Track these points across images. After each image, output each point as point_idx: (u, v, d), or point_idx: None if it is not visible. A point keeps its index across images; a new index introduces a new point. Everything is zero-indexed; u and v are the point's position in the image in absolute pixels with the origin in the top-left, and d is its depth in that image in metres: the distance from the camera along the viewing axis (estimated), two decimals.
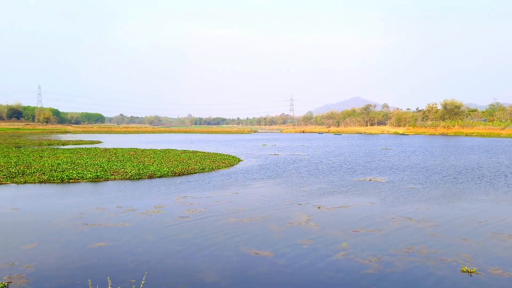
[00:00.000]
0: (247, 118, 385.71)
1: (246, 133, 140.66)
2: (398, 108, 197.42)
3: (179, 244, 10.59)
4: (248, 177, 23.82)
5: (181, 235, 11.45)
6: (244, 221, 13.12)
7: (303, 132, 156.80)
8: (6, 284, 7.82)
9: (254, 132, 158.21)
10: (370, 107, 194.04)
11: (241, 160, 33.95)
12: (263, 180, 22.76)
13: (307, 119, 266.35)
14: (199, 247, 10.38)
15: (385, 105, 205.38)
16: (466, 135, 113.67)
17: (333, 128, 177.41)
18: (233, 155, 38.85)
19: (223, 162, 30.46)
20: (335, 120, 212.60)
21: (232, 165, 29.76)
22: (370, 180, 23.06)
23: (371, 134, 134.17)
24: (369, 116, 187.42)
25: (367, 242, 11.05)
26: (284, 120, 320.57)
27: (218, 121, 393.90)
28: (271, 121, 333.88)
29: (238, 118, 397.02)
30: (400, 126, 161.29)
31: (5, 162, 26.97)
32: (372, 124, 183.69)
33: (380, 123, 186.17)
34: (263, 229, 12.27)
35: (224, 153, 40.36)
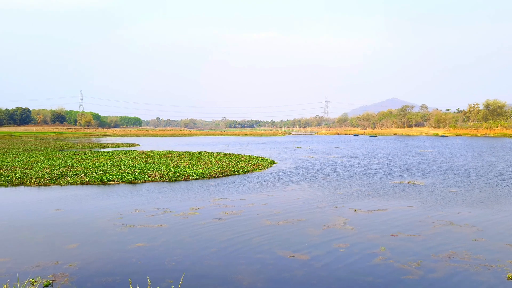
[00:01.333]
0: (281, 120, 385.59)
1: (280, 135, 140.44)
2: (437, 109, 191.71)
3: (215, 246, 10.67)
4: (283, 179, 23.75)
5: (217, 237, 11.54)
6: (280, 224, 13.08)
7: (338, 134, 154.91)
8: (50, 282, 8.13)
9: (288, 134, 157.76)
10: (408, 108, 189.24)
11: (276, 163, 33.91)
12: (298, 182, 22.63)
13: (342, 121, 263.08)
14: (235, 249, 10.43)
15: (424, 106, 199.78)
16: (510, 136, 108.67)
17: (368, 130, 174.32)
18: (267, 157, 38.88)
19: (257, 165, 30.53)
20: (371, 122, 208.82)
21: (267, 168, 29.77)
22: (408, 183, 22.46)
23: (409, 135, 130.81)
24: (407, 118, 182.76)
25: (406, 246, 10.75)
26: (319, 122, 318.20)
27: (252, 124, 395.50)
28: (306, 123, 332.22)
29: (272, 120, 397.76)
30: (439, 127, 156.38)
31: (49, 165, 28.15)
32: (409, 126, 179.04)
33: (418, 124, 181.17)
34: (299, 232, 12.18)
35: (259, 156, 40.45)
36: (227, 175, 24.81)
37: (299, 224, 13.10)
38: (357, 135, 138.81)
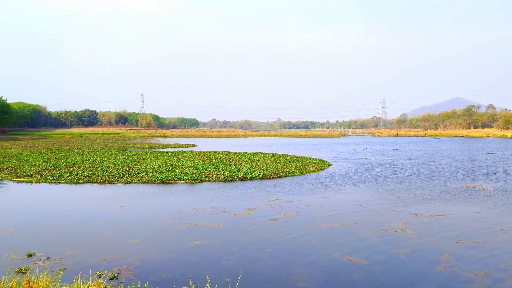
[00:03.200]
0: (337, 121, 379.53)
1: (336, 136, 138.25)
2: (506, 109, 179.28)
3: (271, 246, 10.71)
4: (339, 181, 23.35)
5: (273, 237, 11.58)
6: (336, 226, 12.88)
7: (397, 135, 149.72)
8: (115, 275, 8.58)
9: (344, 135, 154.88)
10: (473, 108, 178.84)
11: (331, 164, 33.42)
12: (355, 184, 22.15)
13: (401, 122, 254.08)
14: (291, 250, 10.40)
15: (491, 106, 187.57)
16: None
17: (430, 131, 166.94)
18: (322, 159, 38.42)
19: (313, 166, 30.25)
20: (432, 122, 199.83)
21: (322, 169, 29.42)
22: (474, 187, 21.22)
23: (474, 137, 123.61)
24: (472, 118, 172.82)
25: (472, 254, 10.16)
26: (376, 123, 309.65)
27: (307, 125, 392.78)
28: (362, 124, 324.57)
29: (328, 121, 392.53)
30: (508, 128, 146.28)
31: (114, 164, 29.70)
32: (475, 127, 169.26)
33: (485, 125, 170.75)
34: (356, 235, 11.92)
35: (314, 157, 40.08)
36: (282, 176, 24.82)
37: (356, 227, 12.83)
38: (417, 137, 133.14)
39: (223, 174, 24.18)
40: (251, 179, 23.33)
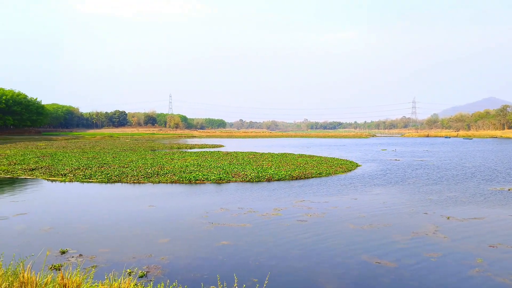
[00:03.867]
0: (365, 121, 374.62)
1: (364, 137, 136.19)
2: None
3: (298, 248, 10.66)
4: (368, 182, 22.99)
5: (300, 238, 11.52)
6: (364, 228, 12.69)
7: (427, 136, 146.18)
8: (145, 273, 8.73)
9: (373, 136, 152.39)
10: (508, 108, 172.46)
11: (359, 165, 32.95)
12: (383, 186, 21.76)
13: (432, 122, 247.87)
14: (318, 252, 10.32)
15: None
16: None
17: (462, 132, 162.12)
18: (350, 160, 37.93)
19: (340, 167, 29.91)
20: (464, 123, 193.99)
21: (350, 170, 29.05)
22: (509, 189, 20.48)
23: (509, 138, 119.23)
24: (506, 118, 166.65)
25: (507, 259, 9.81)
26: (406, 123, 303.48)
27: (335, 125, 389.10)
28: (391, 125, 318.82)
29: (355, 122, 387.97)
30: None
31: (143, 164, 30.25)
32: (510, 127, 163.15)
33: None
34: (385, 237, 11.71)
35: (341, 158, 39.63)
36: (309, 177, 24.65)
37: (385, 229, 12.60)
38: (449, 138, 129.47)
39: (250, 174, 24.23)
40: (278, 180, 23.28)
